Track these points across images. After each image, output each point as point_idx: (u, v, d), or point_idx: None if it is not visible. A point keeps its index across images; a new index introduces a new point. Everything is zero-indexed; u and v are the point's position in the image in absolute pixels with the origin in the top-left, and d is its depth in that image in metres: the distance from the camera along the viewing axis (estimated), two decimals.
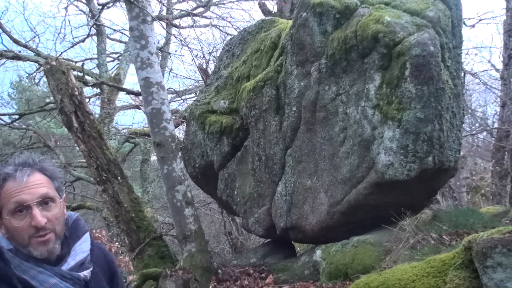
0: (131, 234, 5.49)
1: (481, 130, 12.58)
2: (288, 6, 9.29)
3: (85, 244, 1.69)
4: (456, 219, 4.20)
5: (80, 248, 1.66)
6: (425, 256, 2.99)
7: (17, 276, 1.51)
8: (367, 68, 4.29)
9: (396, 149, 4.02)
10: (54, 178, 1.64)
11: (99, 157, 5.47)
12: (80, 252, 1.65)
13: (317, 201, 4.65)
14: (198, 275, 4.59)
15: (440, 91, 3.97)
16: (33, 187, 1.55)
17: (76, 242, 1.67)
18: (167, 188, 5.31)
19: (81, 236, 1.69)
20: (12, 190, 1.52)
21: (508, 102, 9.61)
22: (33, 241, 1.52)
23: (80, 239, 1.68)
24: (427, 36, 4.00)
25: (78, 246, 1.66)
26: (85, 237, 1.71)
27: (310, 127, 4.76)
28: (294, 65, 4.92)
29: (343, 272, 4.03)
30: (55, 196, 1.60)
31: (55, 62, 5.59)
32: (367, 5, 4.53)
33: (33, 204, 1.51)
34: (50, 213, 1.55)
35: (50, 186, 1.60)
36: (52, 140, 11.43)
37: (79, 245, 1.67)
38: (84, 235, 1.70)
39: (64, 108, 5.37)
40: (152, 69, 5.30)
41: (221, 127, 5.72)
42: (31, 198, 1.52)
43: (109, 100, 12.23)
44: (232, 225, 9.03)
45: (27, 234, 1.51)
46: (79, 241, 1.67)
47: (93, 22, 12.16)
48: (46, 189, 1.57)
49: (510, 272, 2.29)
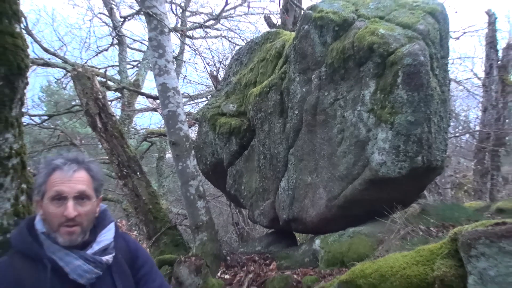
0: (148, 224, 5.51)
1: (464, 132, 12.55)
2: (291, 20, 9.28)
3: (109, 232, 1.72)
4: (442, 213, 4.18)
5: (104, 236, 1.70)
6: (414, 246, 2.98)
7: (47, 257, 1.55)
8: (363, 76, 4.28)
9: (389, 149, 4.02)
10: (95, 179, 1.69)
11: (120, 154, 5.49)
12: (104, 239, 1.68)
13: (317, 196, 4.65)
14: (209, 261, 4.60)
15: (429, 97, 3.96)
16: (75, 182, 1.60)
17: (101, 230, 1.71)
18: (182, 182, 5.31)
19: (106, 226, 1.74)
20: (57, 180, 1.59)
21: (489, 107, 9.58)
22: (61, 229, 1.56)
23: (105, 228, 1.73)
24: (418, 47, 3.99)
25: (103, 234, 1.70)
26: (110, 226, 1.74)
27: (311, 128, 4.75)
28: (296, 73, 4.92)
29: (339, 260, 4.03)
30: (91, 194, 1.65)
31: (81, 69, 5.62)
32: (363, 19, 4.53)
33: (70, 197, 1.57)
34: (82, 209, 1.59)
35: (90, 185, 1.66)
36: (78, 139, 11.47)
37: (104, 233, 1.70)
38: (109, 225, 1.75)
39: (89, 110, 5.40)
40: (169, 75, 5.31)
41: (230, 128, 5.73)
42: (70, 191, 1.58)
43: (129, 103, 12.28)
44: (239, 216, 9.03)
45: (58, 221, 1.56)
46: (104, 230, 1.72)
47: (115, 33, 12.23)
48: (85, 187, 1.63)
49: (492, 261, 2.29)
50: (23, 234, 1.60)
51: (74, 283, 1.57)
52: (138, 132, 12.90)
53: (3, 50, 2.09)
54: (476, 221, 3.34)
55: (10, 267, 1.53)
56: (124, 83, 11.69)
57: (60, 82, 12.50)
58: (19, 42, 2.17)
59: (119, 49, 13.19)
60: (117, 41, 12.82)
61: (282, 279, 4.18)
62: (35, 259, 1.56)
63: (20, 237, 1.60)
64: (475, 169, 9.61)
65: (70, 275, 1.55)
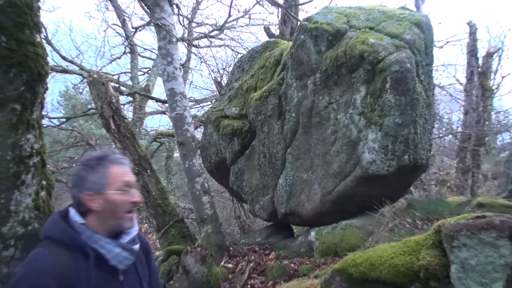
0: (158, 217, 5.52)
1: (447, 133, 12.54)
2: (288, 30, 9.28)
3: (135, 225, 1.75)
4: (427, 207, 4.18)
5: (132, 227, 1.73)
6: (401, 238, 2.97)
7: (89, 246, 1.54)
8: (354, 82, 4.28)
9: (378, 148, 4.02)
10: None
11: (132, 153, 5.50)
12: (133, 230, 1.70)
13: (312, 192, 4.65)
14: (213, 252, 4.60)
15: (415, 101, 3.96)
16: (131, 174, 1.68)
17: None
18: (188, 179, 5.32)
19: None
20: (120, 172, 1.63)
21: (470, 110, 9.58)
22: (126, 216, 1.62)
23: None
24: (405, 55, 3.99)
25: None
26: (134, 219, 1.76)
27: (307, 130, 4.75)
28: (293, 79, 4.91)
29: (333, 250, 4.02)
30: None
31: (96, 75, 5.63)
32: (354, 29, 4.53)
33: (133, 186, 1.65)
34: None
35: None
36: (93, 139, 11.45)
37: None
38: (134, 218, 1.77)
39: (104, 113, 5.40)
40: (176, 81, 5.32)
41: (233, 130, 5.73)
42: (134, 180, 1.66)
43: (140, 107, 12.29)
44: (241, 210, 9.03)
45: (124, 209, 1.61)
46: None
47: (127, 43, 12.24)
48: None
49: (473, 252, 2.29)
50: (62, 226, 1.56)
51: (110, 269, 1.58)
52: (148, 133, 12.90)
53: (25, 58, 2.09)
54: (458, 214, 3.34)
55: (51, 257, 1.48)
56: (136, 88, 11.71)
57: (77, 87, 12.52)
58: (39, 51, 2.17)
59: (131, 57, 13.22)
60: (129, 50, 12.84)
61: (280, 267, 4.19)
62: (74, 248, 1.53)
63: (58, 228, 1.56)
64: (457, 167, 9.61)
65: (110, 261, 1.56)
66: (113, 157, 1.66)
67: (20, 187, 2.13)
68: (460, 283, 2.29)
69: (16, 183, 2.11)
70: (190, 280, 4.15)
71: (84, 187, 1.58)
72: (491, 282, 2.23)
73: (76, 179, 1.63)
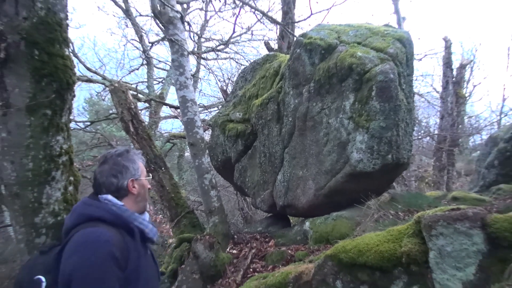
0: (171, 209, 5.52)
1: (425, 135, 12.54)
2: (286, 45, 9.26)
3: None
4: (408, 200, 4.16)
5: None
6: (386, 227, 2.97)
7: (132, 223, 1.61)
8: (344, 90, 4.27)
9: (365, 149, 4.01)
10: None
11: (148, 153, 5.50)
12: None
13: (307, 187, 4.64)
14: (220, 239, 4.60)
15: (397, 107, 3.95)
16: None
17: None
18: (198, 176, 5.32)
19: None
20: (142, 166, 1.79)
21: (445, 115, 9.57)
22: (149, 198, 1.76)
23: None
24: (388, 66, 3.99)
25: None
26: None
27: (302, 132, 4.75)
28: (290, 87, 4.91)
29: (325, 238, 4.01)
30: None
31: (117, 84, 5.64)
32: (344, 44, 4.52)
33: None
34: None
35: None
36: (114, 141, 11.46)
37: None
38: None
39: (124, 117, 5.41)
40: (188, 89, 5.32)
41: (237, 132, 5.73)
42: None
43: (155, 112, 12.29)
44: (244, 203, 9.02)
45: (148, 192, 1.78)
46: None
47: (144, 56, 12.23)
48: None
49: (449, 239, 2.28)
50: (108, 208, 1.57)
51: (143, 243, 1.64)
52: (162, 135, 12.89)
53: (55, 69, 2.10)
54: (435, 207, 3.34)
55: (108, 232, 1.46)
56: (151, 96, 11.71)
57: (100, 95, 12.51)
58: (68, 63, 2.17)
59: (147, 69, 13.21)
60: (146, 62, 12.83)
61: (279, 253, 4.18)
62: (119, 226, 1.54)
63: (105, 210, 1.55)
64: (434, 165, 9.59)
65: (148, 234, 1.65)
66: (136, 152, 1.80)
67: (50, 182, 2.14)
68: (438, 267, 2.29)
69: (47, 179, 2.12)
70: (199, 264, 4.15)
71: (128, 175, 1.68)
72: (465, 266, 2.22)
73: (119, 169, 1.67)
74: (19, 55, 2.00)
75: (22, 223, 2.10)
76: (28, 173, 2.05)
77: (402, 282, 2.41)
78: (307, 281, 2.75)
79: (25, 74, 2.03)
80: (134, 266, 1.47)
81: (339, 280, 2.61)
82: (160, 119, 12.92)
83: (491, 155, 4.49)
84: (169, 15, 5.18)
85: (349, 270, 2.59)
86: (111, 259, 1.39)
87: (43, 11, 2.04)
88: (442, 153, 9.40)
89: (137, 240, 1.56)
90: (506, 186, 3.86)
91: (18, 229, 2.12)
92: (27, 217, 2.09)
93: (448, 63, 9.83)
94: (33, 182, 2.07)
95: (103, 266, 1.37)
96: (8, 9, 1.99)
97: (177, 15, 5.23)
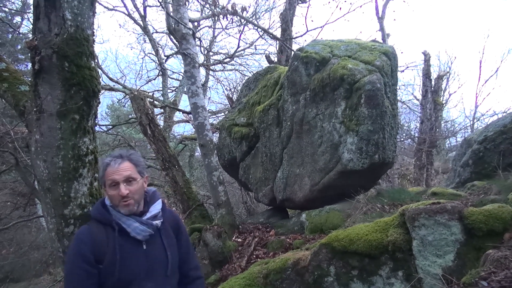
0: (183, 202, 5.51)
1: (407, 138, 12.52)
2: (284, 58, 9.26)
3: (158, 205, 1.75)
4: (392, 195, 4.15)
5: (154, 207, 1.73)
6: (373, 219, 2.96)
7: (115, 221, 1.62)
8: (336, 98, 4.26)
9: (355, 150, 3.99)
10: (137, 165, 1.70)
11: (164, 153, 5.50)
12: (154, 210, 1.71)
13: (303, 183, 4.62)
14: (226, 229, 4.59)
15: (383, 113, 3.94)
16: (121, 171, 1.62)
17: (152, 204, 1.74)
18: (207, 173, 5.31)
19: (155, 201, 1.77)
20: (110, 172, 1.62)
21: (425, 120, 9.54)
22: (121, 204, 1.61)
23: (155, 202, 1.76)
24: (375, 77, 3.97)
25: (153, 206, 1.73)
26: (158, 201, 1.77)
27: (299, 135, 4.73)
28: (289, 95, 4.90)
29: (319, 228, 4.00)
30: (137, 176, 1.66)
31: (136, 92, 5.65)
32: (336, 57, 4.51)
33: (120, 181, 1.61)
34: (131, 188, 1.62)
35: (134, 170, 1.66)
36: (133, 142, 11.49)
37: (154, 205, 1.74)
38: (157, 200, 1.78)
39: (142, 121, 5.41)
40: (198, 97, 5.32)
41: (242, 135, 5.72)
42: (119, 178, 1.61)
43: (169, 117, 12.26)
44: (247, 197, 8.99)
45: (117, 200, 1.61)
46: (154, 203, 1.75)
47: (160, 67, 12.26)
48: (130, 172, 1.64)
49: (430, 230, 2.28)
50: (99, 208, 1.67)
51: (134, 240, 1.62)
52: (175, 137, 12.88)
53: (82, 79, 2.10)
54: (417, 201, 3.33)
55: (89, 229, 1.61)
56: (166, 103, 11.70)
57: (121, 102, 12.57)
58: (93, 74, 2.18)
59: (162, 79, 13.19)
60: (162, 73, 12.85)
61: (279, 242, 4.17)
62: (106, 224, 1.61)
63: (96, 209, 1.68)
64: (415, 164, 9.55)
65: (130, 233, 1.61)
66: (108, 159, 1.66)
67: (78, 178, 2.14)
68: (420, 255, 2.27)
69: (75, 176, 2.12)
70: (209, 251, 4.15)
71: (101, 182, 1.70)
72: (444, 254, 2.21)
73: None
74: (51, 66, 2.00)
75: (53, 214, 2.10)
76: (58, 170, 2.06)
77: (388, 267, 2.40)
78: (304, 266, 2.74)
79: (57, 84, 2.03)
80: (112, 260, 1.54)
81: (332, 266, 2.60)
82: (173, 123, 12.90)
83: (466, 155, 4.46)
84: (182, 31, 5.18)
85: (341, 256, 2.58)
86: (79, 256, 1.53)
87: (72, 28, 2.04)
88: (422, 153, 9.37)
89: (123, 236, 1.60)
90: (479, 182, 3.83)
91: (50, 219, 2.13)
92: (57, 209, 2.09)
93: (427, 74, 9.80)
94: (63, 178, 2.07)
95: (68, 263, 1.57)
96: (42, 26, 1.99)
97: (190, 31, 5.23)
